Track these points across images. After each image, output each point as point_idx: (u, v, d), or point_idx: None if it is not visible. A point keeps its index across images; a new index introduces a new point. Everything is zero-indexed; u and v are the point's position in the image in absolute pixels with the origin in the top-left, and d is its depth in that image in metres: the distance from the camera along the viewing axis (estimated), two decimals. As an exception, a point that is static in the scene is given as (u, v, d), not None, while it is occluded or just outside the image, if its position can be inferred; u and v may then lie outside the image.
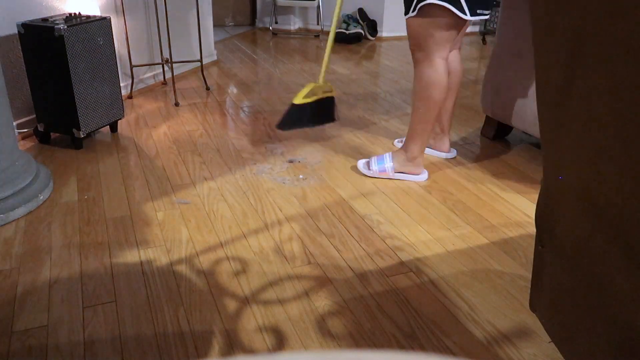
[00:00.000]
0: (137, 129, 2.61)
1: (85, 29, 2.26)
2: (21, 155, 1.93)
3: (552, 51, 0.71)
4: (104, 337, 1.30)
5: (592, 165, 0.67)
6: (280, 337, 1.31)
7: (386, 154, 2.15)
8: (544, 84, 0.77)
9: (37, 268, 1.56)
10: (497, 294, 1.48)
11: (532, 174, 2.20)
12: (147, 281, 1.51)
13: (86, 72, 2.29)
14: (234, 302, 1.43)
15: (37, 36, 2.19)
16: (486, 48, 4.51)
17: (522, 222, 1.84)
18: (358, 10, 4.80)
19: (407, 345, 1.30)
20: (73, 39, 2.20)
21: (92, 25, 2.29)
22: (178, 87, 3.24)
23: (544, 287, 0.91)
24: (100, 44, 2.35)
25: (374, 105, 3.03)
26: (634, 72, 0.56)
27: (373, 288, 1.49)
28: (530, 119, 2.24)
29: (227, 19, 5.36)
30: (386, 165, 2.12)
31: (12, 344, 1.28)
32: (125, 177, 2.12)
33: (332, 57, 4.16)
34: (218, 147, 2.42)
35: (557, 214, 0.82)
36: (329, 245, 1.69)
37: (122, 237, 1.72)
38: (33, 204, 1.86)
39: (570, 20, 0.64)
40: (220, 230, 1.76)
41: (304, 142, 2.48)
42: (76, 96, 2.26)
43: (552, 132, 0.77)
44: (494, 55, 2.41)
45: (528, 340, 1.31)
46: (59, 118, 2.32)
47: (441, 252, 1.66)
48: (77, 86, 2.26)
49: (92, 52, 2.31)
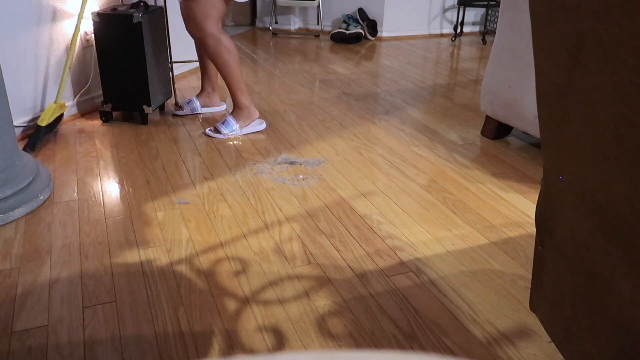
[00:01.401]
0: (137, 129, 2.61)
1: (154, 16, 2.61)
2: (21, 155, 1.93)
3: (552, 51, 0.71)
4: (104, 337, 1.30)
5: (592, 165, 0.67)
6: (280, 337, 1.31)
7: (228, 117, 2.55)
8: (544, 84, 0.77)
9: (37, 268, 1.56)
10: (497, 294, 1.48)
11: (532, 174, 2.20)
12: (147, 281, 1.51)
13: (153, 55, 2.63)
14: (234, 302, 1.43)
15: (114, 24, 2.50)
16: (486, 48, 4.51)
17: (522, 222, 1.84)
18: (358, 10, 4.80)
19: (407, 345, 1.30)
20: (147, 26, 2.53)
21: (157, 13, 2.64)
22: (178, 87, 3.24)
23: (544, 287, 0.91)
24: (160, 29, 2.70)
25: (374, 105, 3.03)
26: (634, 72, 0.56)
27: (373, 288, 1.49)
28: (530, 119, 2.24)
29: (227, 19, 5.36)
30: (234, 127, 2.53)
31: (12, 344, 1.28)
32: (125, 177, 2.12)
33: (332, 57, 4.16)
34: (218, 147, 2.42)
35: (557, 214, 0.82)
36: (329, 245, 1.69)
37: (122, 237, 1.72)
38: (33, 204, 1.86)
39: (570, 20, 0.64)
40: (220, 230, 1.76)
41: (304, 142, 2.48)
42: (149, 76, 2.59)
43: (552, 132, 0.77)
44: (493, 55, 2.41)
45: (528, 340, 1.31)
46: (130, 97, 2.63)
47: (441, 252, 1.66)
48: (150, 67, 2.59)
49: (157, 36, 2.66)
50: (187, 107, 2.79)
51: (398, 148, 2.43)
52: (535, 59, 0.77)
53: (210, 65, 2.72)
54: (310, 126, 2.68)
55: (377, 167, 2.24)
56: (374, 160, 2.30)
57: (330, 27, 5.04)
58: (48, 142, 2.43)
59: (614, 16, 0.56)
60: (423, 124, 2.75)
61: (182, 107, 2.80)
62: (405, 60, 4.09)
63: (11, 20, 2.35)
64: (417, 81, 3.53)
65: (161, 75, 2.73)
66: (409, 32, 4.95)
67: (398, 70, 3.81)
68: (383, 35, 4.87)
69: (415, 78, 3.60)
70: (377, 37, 4.88)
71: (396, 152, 2.38)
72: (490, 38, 4.78)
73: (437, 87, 3.40)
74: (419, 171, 2.20)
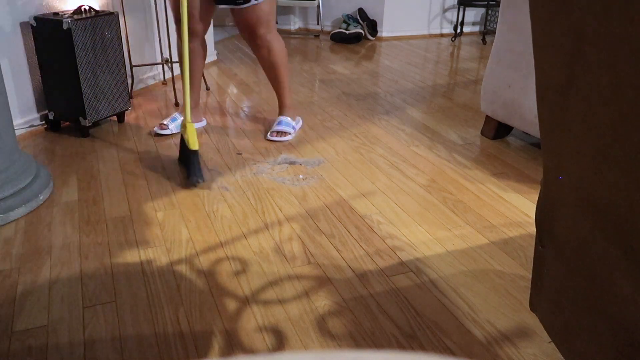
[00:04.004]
0: (137, 129, 2.61)
1: (92, 22, 2.39)
2: (21, 155, 1.93)
3: (552, 51, 0.71)
4: (104, 337, 1.30)
5: (592, 165, 0.67)
6: (280, 337, 1.31)
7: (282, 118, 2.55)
8: (544, 84, 0.77)
9: (37, 268, 1.56)
10: (497, 294, 1.48)
11: (532, 174, 2.20)
12: (147, 281, 1.51)
13: (93, 64, 2.42)
14: (234, 302, 1.43)
15: (48, 29, 2.34)
16: (486, 48, 4.51)
17: (522, 222, 1.84)
18: (358, 10, 4.80)
19: (407, 345, 1.30)
20: (80, 32, 2.33)
21: (99, 20, 2.42)
22: (178, 87, 3.24)
23: (544, 287, 0.91)
24: (108, 37, 2.46)
25: (374, 105, 3.03)
26: (634, 72, 0.56)
27: (373, 288, 1.49)
28: (530, 119, 2.24)
29: (227, 19, 5.36)
30: (293, 125, 2.57)
31: (12, 344, 1.28)
32: (125, 177, 2.12)
33: (332, 57, 4.17)
34: (218, 147, 2.42)
35: (557, 214, 0.82)
36: (329, 245, 1.69)
37: (122, 237, 1.72)
38: (33, 204, 1.86)
39: (570, 20, 0.64)
40: (220, 230, 1.76)
41: (304, 143, 2.48)
42: (82, 86, 2.39)
43: (552, 132, 0.77)
44: (493, 55, 2.41)
45: (528, 340, 1.31)
46: (67, 107, 2.45)
47: (441, 252, 1.66)
48: (84, 77, 2.39)
49: (99, 44, 2.44)
50: (172, 125, 2.53)
51: (398, 148, 2.43)
52: (535, 59, 0.77)
53: (198, 80, 2.53)
54: (310, 126, 2.68)
55: (377, 167, 2.24)
56: (374, 160, 2.30)
57: (330, 27, 5.04)
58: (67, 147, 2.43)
59: (614, 16, 0.56)
60: (423, 124, 2.75)
61: (167, 126, 2.51)
62: (405, 60, 4.09)
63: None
64: (417, 81, 3.53)
65: (107, 86, 2.50)
66: (409, 32, 4.95)
67: (398, 70, 3.81)
68: (383, 35, 4.87)
69: (415, 78, 3.60)
70: (377, 37, 4.88)
71: (396, 152, 2.38)
72: (490, 38, 4.78)
73: (437, 87, 3.40)
74: (419, 171, 2.20)
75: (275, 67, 2.47)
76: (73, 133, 2.53)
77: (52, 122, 2.53)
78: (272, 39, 2.38)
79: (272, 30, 2.38)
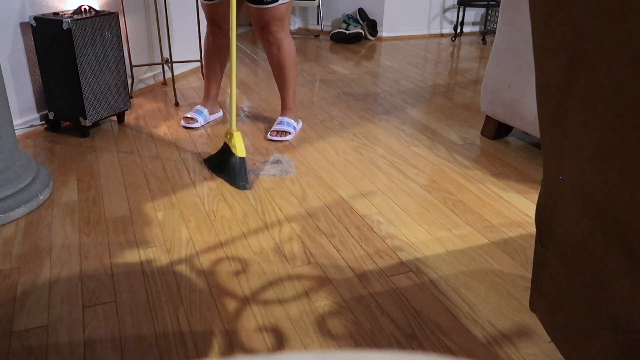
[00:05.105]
0: (137, 129, 2.61)
1: (92, 22, 2.39)
2: (21, 155, 1.93)
3: (552, 51, 0.71)
4: (104, 337, 1.30)
5: (592, 165, 0.67)
6: (280, 337, 1.31)
7: (283, 118, 2.57)
8: (544, 84, 0.77)
9: (37, 268, 1.56)
10: (497, 294, 1.48)
11: (532, 174, 2.20)
12: (147, 281, 1.51)
13: (93, 64, 2.43)
14: (234, 302, 1.43)
15: (48, 29, 2.34)
16: (486, 48, 4.51)
17: (522, 222, 1.84)
18: (358, 10, 4.80)
19: (407, 345, 1.30)
20: (80, 32, 2.33)
21: (99, 20, 2.42)
22: (178, 87, 3.24)
23: (544, 287, 0.91)
24: (108, 37, 2.47)
25: (374, 105, 3.03)
26: (634, 72, 0.56)
27: (373, 288, 1.49)
28: (530, 119, 2.24)
29: (227, 19, 5.36)
30: (295, 125, 2.57)
31: (12, 344, 1.28)
32: (125, 177, 2.12)
33: (332, 57, 4.17)
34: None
35: (557, 214, 0.82)
36: (329, 245, 1.69)
37: (122, 237, 1.72)
38: (33, 204, 1.86)
39: (570, 19, 0.64)
40: (220, 230, 1.76)
41: (305, 143, 2.48)
42: (82, 86, 2.39)
43: (552, 132, 0.77)
44: (493, 55, 2.41)
45: (528, 340, 1.31)
46: (67, 107, 2.46)
47: (441, 252, 1.66)
48: (84, 77, 2.39)
49: (99, 44, 2.44)
50: (200, 119, 2.64)
51: (398, 148, 2.43)
52: (535, 59, 0.77)
53: (222, 73, 2.68)
54: (310, 126, 2.68)
55: (377, 167, 2.24)
56: (374, 160, 2.30)
57: (330, 27, 5.04)
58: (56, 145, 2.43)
59: (614, 16, 0.56)
60: (423, 124, 2.75)
61: (195, 120, 2.62)
62: (405, 60, 4.09)
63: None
64: (417, 81, 3.53)
65: (107, 86, 2.51)
66: (409, 32, 4.95)
67: (398, 70, 3.81)
68: (383, 35, 4.87)
69: (415, 78, 3.60)
70: (377, 37, 4.88)
71: (396, 152, 2.38)
72: (490, 38, 4.78)
73: (437, 87, 3.40)
74: (419, 171, 2.20)
75: (282, 67, 2.50)
76: (73, 133, 2.53)
77: (52, 122, 2.53)
78: (283, 37, 2.42)
79: (285, 29, 2.42)
